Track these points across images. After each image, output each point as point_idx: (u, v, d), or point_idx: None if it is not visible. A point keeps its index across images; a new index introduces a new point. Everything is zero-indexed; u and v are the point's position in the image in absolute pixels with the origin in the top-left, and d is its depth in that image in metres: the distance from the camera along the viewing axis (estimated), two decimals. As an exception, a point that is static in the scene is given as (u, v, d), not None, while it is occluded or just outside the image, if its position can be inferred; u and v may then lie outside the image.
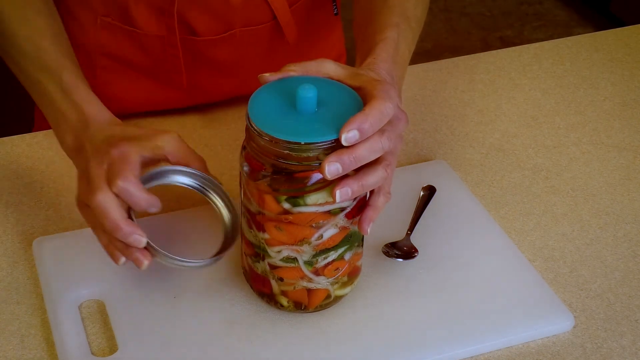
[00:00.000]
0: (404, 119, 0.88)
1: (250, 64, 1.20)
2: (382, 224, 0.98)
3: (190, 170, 0.91)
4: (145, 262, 0.87)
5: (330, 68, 0.89)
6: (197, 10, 1.14)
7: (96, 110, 0.94)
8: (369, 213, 0.89)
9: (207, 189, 0.93)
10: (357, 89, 0.87)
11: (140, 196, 0.86)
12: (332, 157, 0.82)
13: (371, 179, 0.85)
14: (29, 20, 1.00)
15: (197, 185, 0.93)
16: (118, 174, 0.85)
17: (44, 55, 0.97)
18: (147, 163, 0.89)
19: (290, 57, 1.22)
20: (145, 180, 0.88)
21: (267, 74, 0.88)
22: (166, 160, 0.90)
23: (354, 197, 0.86)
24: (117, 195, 0.85)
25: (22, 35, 0.99)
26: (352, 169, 0.83)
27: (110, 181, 0.86)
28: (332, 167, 0.82)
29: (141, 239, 0.86)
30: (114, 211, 0.85)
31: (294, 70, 0.88)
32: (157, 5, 1.13)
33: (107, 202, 0.85)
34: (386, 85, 0.87)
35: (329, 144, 0.83)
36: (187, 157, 0.91)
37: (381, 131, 0.84)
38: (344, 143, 0.82)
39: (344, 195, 0.84)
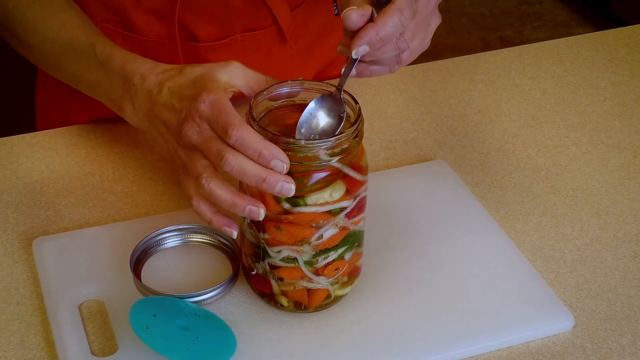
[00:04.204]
0: (435, 19, 0.92)
1: (250, 68, 1.20)
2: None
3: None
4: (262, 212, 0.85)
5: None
6: (198, 16, 1.13)
7: (137, 66, 0.93)
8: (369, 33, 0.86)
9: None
10: None
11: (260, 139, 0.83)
12: (359, 40, 0.85)
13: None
14: (51, 18, 1.02)
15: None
16: (227, 124, 0.82)
17: (76, 42, 0.99)
18: None
19: (291, 60, 1.22)
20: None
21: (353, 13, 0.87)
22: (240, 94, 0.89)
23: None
24: (232, 147, 0.83)
25: (50, 36, 1.01)
26: (378, 47, 0.86)
27: (223, 134, 0.83)
28: (360, 50, 0.86)
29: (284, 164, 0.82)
30: (253, 137, 0.82)
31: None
32: (157, 12, 1.13)
33: (244, 132, 0.82)
34: None
35: (329, 143, 0.83)
36: (256, 82, 0.90)
37: (399, 11, 0.85)
38: (354, 56, 0.86)
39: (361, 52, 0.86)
